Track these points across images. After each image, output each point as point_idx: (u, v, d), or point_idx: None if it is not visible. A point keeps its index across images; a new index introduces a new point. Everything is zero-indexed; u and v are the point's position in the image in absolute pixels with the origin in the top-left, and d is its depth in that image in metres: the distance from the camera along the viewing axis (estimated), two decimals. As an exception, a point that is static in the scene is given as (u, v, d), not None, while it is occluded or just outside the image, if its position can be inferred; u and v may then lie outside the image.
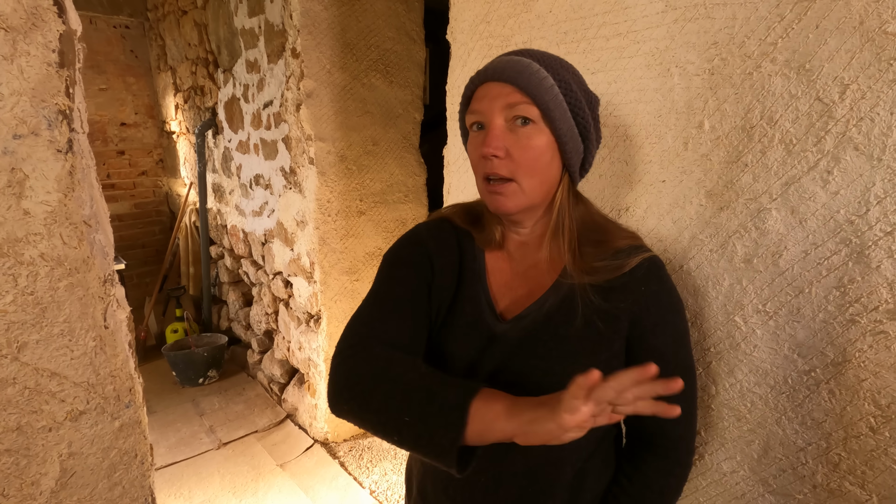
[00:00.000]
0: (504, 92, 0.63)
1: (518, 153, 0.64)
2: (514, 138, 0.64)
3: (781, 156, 0.73)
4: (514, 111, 0.63)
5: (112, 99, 3.80)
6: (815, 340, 0.73)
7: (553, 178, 0.68)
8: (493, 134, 0.64)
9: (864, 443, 0.71)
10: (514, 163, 0.64)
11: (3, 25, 0.46)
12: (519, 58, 0.65)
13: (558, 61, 0.67)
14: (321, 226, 2.22)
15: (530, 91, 0.62)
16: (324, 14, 2.02)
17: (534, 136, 0.64)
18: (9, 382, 0.52)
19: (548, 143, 0.65)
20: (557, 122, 0.64)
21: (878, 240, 0.66)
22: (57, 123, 0.51)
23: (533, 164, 0.64)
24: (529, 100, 0.63)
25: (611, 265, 0.68)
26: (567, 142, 0.65)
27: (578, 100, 0.65)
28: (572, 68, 0.69)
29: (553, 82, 0.64)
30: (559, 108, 0.64)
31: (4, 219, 0.49)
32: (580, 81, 0.68)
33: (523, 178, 0.65)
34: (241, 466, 2.29)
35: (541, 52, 0.68)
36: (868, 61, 0.64)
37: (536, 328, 0.69)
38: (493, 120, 0.64)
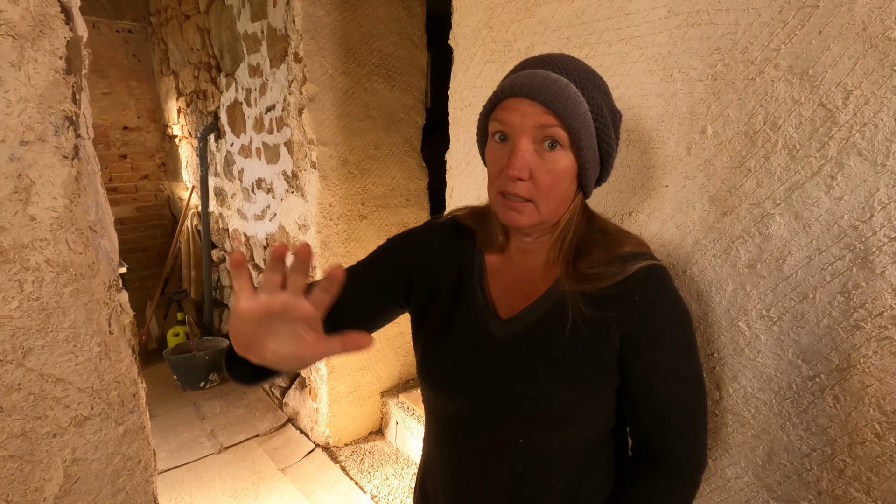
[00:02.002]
0: (536, 111, 0.61)
1: (541, 176, 0.63)
2: (540, 162, 0.63)
3: (785, 161, 0.73)
4: (544, 133, 0.62)
5: (114, 103, 3.81)
6: (819, 346, 0.73)
7: (569, 198, 0.68)
8: (519, 156, 0.62)
9: (870, 449, 0.70)
10: (536, 186, 0.64)
11: (11, 33, 0.46)
12: (556, 76, 0.62)
13: (591, 79, 0.65)
14: (323, 230, 2.22)
15: (565, 116, 0.60)
16: (326, 19, 2.02)
17: (560, 160, 0.63)
18: (14, 388, 0.52)
19: (570, 168, 0.64)
20: (584, 150, 0.63)
21: (882, 245, 0.66)
22: (63, 130, 0.51)
23: (554, 188, 0.64)
24: (561, 124, 0.61)
25: (604, 273, 0.66)
26: (589, 167, 0.65)
27: (606, 123, 0.65)
28: (603, 85, 0.66)
29: (587, 107, 0.62)
30: (588, 134, 0.62)
31: (11, 224, 0.49)
32: (609, 100, 0.66)
33: (542, 202, 0.64)
34: (242, 471, 2.29)
35: (575, 66, 0.65)
36: (871, 67, 0.64)
37: (527, 332, 0.69)
38: (520, 139, 0.63)
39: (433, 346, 0.76)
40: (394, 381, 2.63)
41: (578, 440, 0.69)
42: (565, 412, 0.66)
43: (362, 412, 2.54)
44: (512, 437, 0.68)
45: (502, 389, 0.69)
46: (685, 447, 0.69)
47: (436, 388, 0.75)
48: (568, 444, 0.68)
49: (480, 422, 0.71)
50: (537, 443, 0.68)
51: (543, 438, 0.67)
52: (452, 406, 0.74)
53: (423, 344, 0.78)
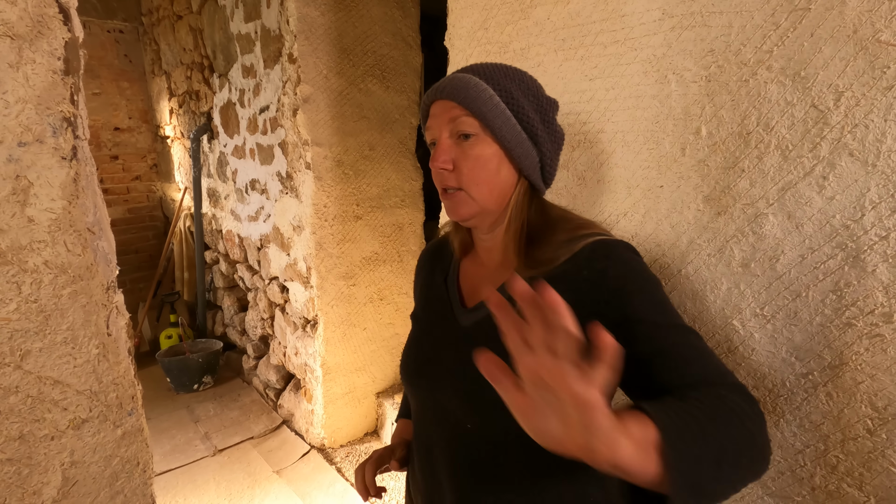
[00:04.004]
0: (447, 107, 0.68)
1: (462, 164, 0.68)
2: (459, 150, 0.68)
3: (778, 161, 0.74)
4: (455, 125, 0.67)
5: (106, 104, 3.78)
6: (812, 344, 0.74)
7: (504, 184, 0.69)
8: (440, 149, 0.68)
9: (862, 445, 0.72)
10: (461, 173, 0.68)
11: (10, 33, 0.46)
12: (462, 74, 0.69)
13: (502, 71, 0.69)
14: (318, 230, 2.22)
15: (468, 104, 0.66)
16: (320, 20, 2.02)
17: (476, 146, 0.67)
18: (11, 391, 0.52)
19: (493, 152, 0.67)
20: (500, 131, 0.66)
21: (873, 244, 0.67)
22: (62, 131, 0.51)
23: (478, 173, 0.68)
24: (468, 112, 0.66)
25: (553, 255, 0.66)
26: (514, 147, 0.67)
27: (521, 105, 0.67)
28: (519, 76, 0.69)
29: (493, 93, 0.66)
30: (500, 116, 0.66)
31: (9, 226, 0.49)
32: (527, 88, 0.69)
33: (470, 187, 0.68)
34: (236, 473, 2.27)
35: (486, 66, 0.70)
36: (862, 69, 0.65)
37: (484, 319, 0.72)
38: (440, 136, 0.69)
39: (411, 342, 0.83)
40: (389, 382, 2.63)
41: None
42: None
43: (358, 413, 2.53)
44: (463, 423, 0.70)
45: (458, 375, 0.71)
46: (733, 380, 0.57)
47: (408, 379, 0.80)
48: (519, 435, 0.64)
49: (440, 409, 0.74)
50: (487, 429, 0.68)
51: (491, 425, 0.66)
52: (421, 396, 0.78)
53: (406, 344, 0.85)
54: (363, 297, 2.41)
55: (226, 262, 3.25)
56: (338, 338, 2.37)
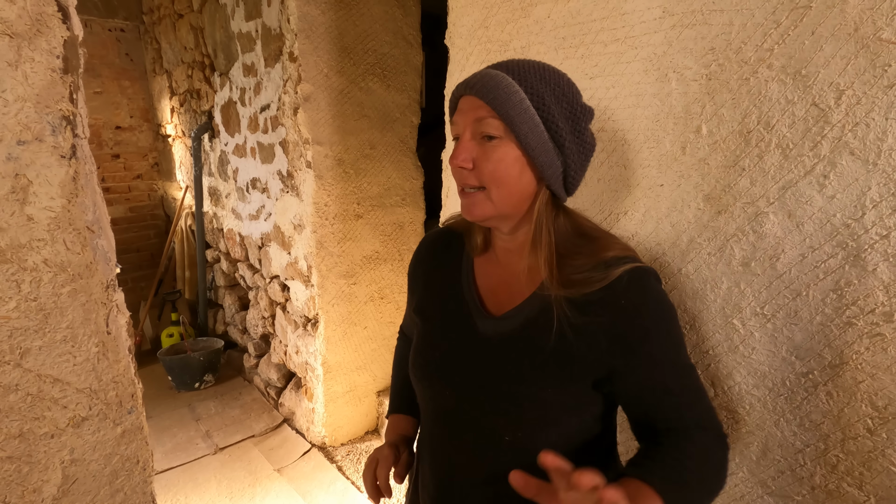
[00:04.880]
0: (475, 106, 0.65)
1: (483, 165, 0.66)
2: (481, 150, 0.66)
3: (778, 160, 0.74)
4: (480, 125, 0.65)
5: (107, 102, 3.79)
6: (812, 343, 0.74)
7: (526, 190, 0.67)
8: (462, 147, 0.67)
9: (862, 444, 0.71)
10: (481, 173, 0.66)
11: (8, 32, 0.46)
12: (495, 71, 0.66)
13: (538, 73, 0.66)
14: (318, 229, 2.22)
15: (496, 105, 0.63)
16: (321, 18, 2.02)
17: (499, 148, 0.65)
18: (11, 389, 0.52)
19: (515, 157, 0.65)
20: (525, 137, 0.63)
21: (874, 243, 0.67)
22: (61, 129, 0.51)
23: (498, 175, 0.65)
24: (495, 114, 0.63)
25: (589, 278, 0.66)
26: (538, 155, 0.65)
27: (551, 112, 0.64)
28: (555, 79, 0.66)
29: (524, 96, 0.63)
30: (528, 122, 0.63)
31: (8, 225, 0.49)
32: (562, 93, 0.66)
33: (491, 188, 0.66)
34: (237, 472, 2.28)
35: (522, 64, 0.67)
36: (863, 67, 0.65)
37: (513, 334, 0.70)
38: (464, 134, 0.67)
39: (425, 342, 0.80)
40: (390, 381, 2.63)
41: (564, 442, 0.69)
42: (550, 413, 0.67)
43: (358, 412, 2.53)
44: (497, 435, 0.69)
45: (486, 388, 0.70)
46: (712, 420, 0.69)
47: (425, 381, 0.78)
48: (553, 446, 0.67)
49: (466, 419, 0.72)
50: (522, 442, 0.68)
51: (528, 438, 0.68)
52: (440, 400, 0.76)
53: (416, 341, 0.82)
54: (364, 296, 2.41)
55: (227, 260, 3.26)
56: (338, 336, 2.37)
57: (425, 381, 0.78)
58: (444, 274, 0.82)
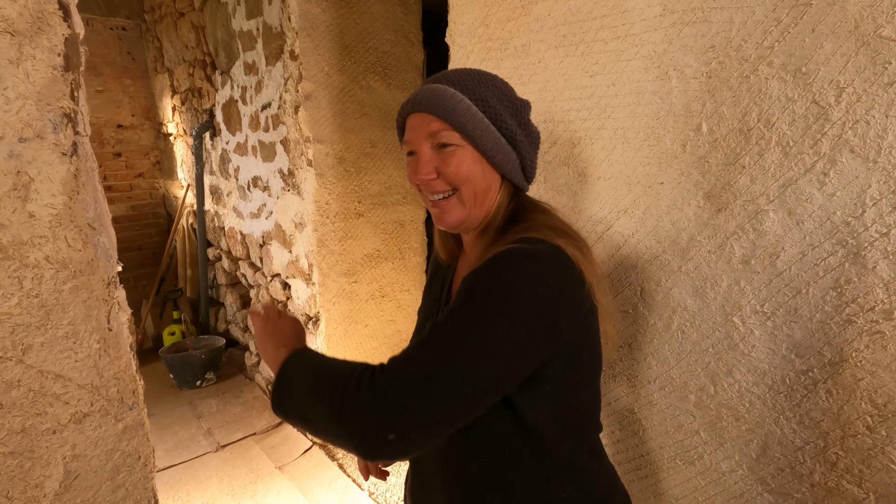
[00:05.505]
0: (426, 121, 0.68)
1: (445, 169, 0.68)
2: (440, 158, 0.68)
3: (778, 158, 0.74)
4: (436, 139, 0.67)
5: (108, 101, 3.79)
6: (812, 340, 0.74)
7: (489, 187, 0.70)
8: (422, 161, 0.69)
9: (862, 441, 0.71)
10: (447, 177, 0.69)
11: (10, 30, 0.46)
12: (436, 85, 0.68)
13: (476, 79, 0.69)
14: (319, 228, 2.22)
15: (447, 117, 0.66)
16: (322, 17, 2.02)
17: (457, 153, 0.67)
18: (13, 385, 0.52)
19: (474, 159, 0.68)
20: (480, 140, 0.67)
21: (874, 241, 0.67)
22: (62, 127, 0.51)
23: (463, 174, 0.68)
24: (448, 125, 0.66)
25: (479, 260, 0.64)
26: (495, 155, 0.68)
27: (499, 113, 0.68)
28: (492, 81, 0.70)
29: (470, 103, 0.67)
30: (479, 126, 0.67)
31: (10, 222, 0.49)
32: (501, 93, 0.69)
33: (461, 188, 0.68)
34: (239, 469, 2.29)
35: (460, 73, 0.70)
36: (863, 65, 0.65)
37: None
38: (420, 147, 0.69)
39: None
40: (391, 379, 2.63)
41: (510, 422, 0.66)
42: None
43: (359, 410, 2.54)
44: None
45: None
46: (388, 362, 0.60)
47: None
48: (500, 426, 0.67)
49: None
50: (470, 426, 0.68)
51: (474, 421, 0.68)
52: None
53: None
54: (365, 294, 2.42)
55: (228, 258, 3.26)
56: (339, 335, 2.37)
57: None
58: (431, 289, 0.87)
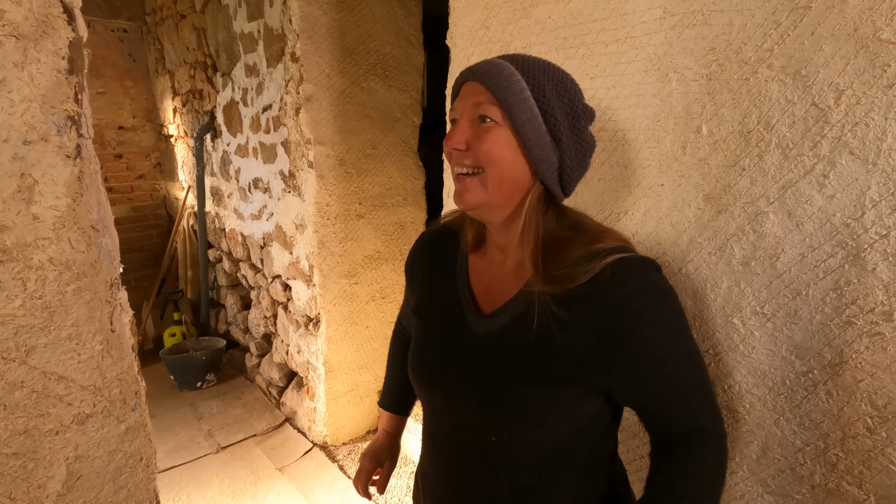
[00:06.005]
0: (475, 91, 0.66)
1: (477, 145, 0.65)
2: (475, 132, 0.66)
3: (778, 160, 0.74)
4: (478, 110, 0.65)
5: (110, 103, 3.80)
6: (812, 342, 0.74)
7: (518, 178, 0.66)
8: (458, 128, 0.67)
9: (862, 443, 0.72)
10: (475, 153, 0.65)
11: (15, 33, 0.47)
12: (498, 60, 0.66)
13: (542, 67, 0.66)
14: (320, 229, 2.22)
15: (496, 91, 0.63)
16: (323, 19, 2.03)
17: (493, 130, 0.64)
18: (17, 386, 0.52)
19: (509, 142, 0.64)
20: (521, 126, 0.63)
21: (873, 243, 0.67)
22: (66, 129, 0.52)
23: (493, 156, 0.64)
24: (494, 100, 0.64)
25: (572, 273, 0.64)
26: (533, 146, 0.64)
27: (551, 105, 0.64)
28: (559, 75, 0.66)
29: (525, 86, 0.64)
30: (526, 111, 0.63)
31: (14, 223, 0.50)
32: (564, 90, 0.66)
33: (486, 169, 0.65)
34: (239, 470, 2.29)
35: (527, 57, 0.67)
36: (862, 67, 0.65)
37: (500, 331, 0.70)
38: (461, 117, 0.67)
39: (420, 343, 0.80)
40: (391, 381, 2.64)
41: (552, 443, 0.68)
42: (535, 413, 0.66)
43: (360, 411, 2.54)
44: (485, 434, 0.69)
45: (475, 387, 0.70)
46: (711, 417, 0.69)
47: (419, 383, 0.78)
48: (540, 445, 0.68)
49: (458, 418, 0.73)
50: (509, 442, 0.68)
51: (514, 438, 0.68)
52: (433, 401, 0.77)
53: (413, 343, 0.82)
54: (365, 296, 2.42)
55: (229, 260, 3.27)
56: (340, 336, 2.38)
57: (421, 382, 0.78)
58: (440, 273, 0.81)
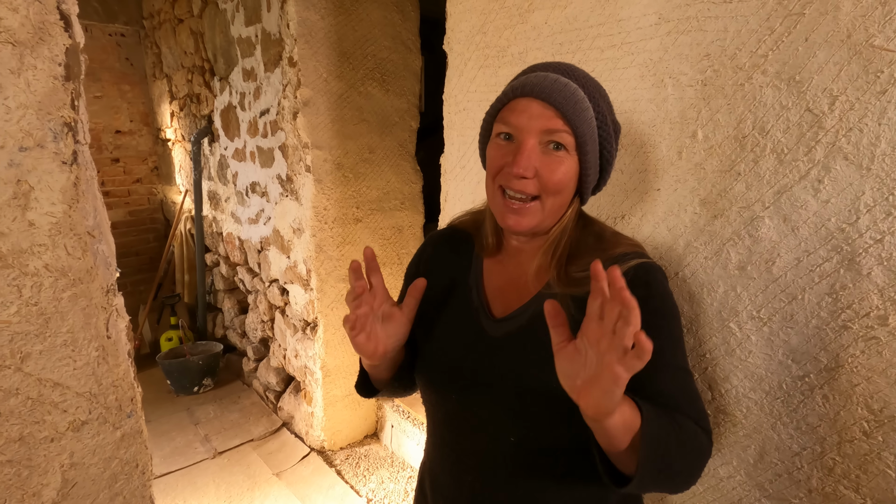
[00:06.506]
0: (546, 114, 0.63)
1: (546, 175, 0.65)
2: (546, 161, 0.65)
3: (773, 165, 0.74)
4: (552, 137, 0.64)
5: (107, 107, 3.79)
6: (808, 346, 0.74)
7: (567, 202, 0.70)
8: (525, 154, 0.64)
9: (858, 447, 0.72)
10: (542, 184, 0.65)
11: (11, 40, 0.47)
12: (567, 80, 0.64)
13: (597, 88, 0.68)
14: (318, 233, 2.22)
15: (573, 120, 0.63)
16: (320, 23, 2.03)
17: (566, 162, 0.65)
18: (12, 393, 0.52)
19: (574, 171, 0.66)
20: (587, 155, 0.65)
21: (868, 247, 0.67)
22: (62, 136, 0.52)
23: (558, 186, 0.66)
24: (570, 129, 0.63)
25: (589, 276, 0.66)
26: (590, 173, 0.67)
27: (609, 132, 0.67)
28: (607, 96, 0.69)
29: (593, 113, 0.65)
30: (592, 141, 0.65)
31: (10, 230, 0.50)
32: (611, 110, 0.69)
33: (548, 198, 0.66)
34: (236, 476, 2.28)
35: (583, 74, 0.68)
36: (856, 73, 0.66)
37: (519, 332, 0.70)
38: (527, 139, 0.64)
39: (430, 345, 0.78)
40: (389, 385, 2.63)
41: (571, 439, 0.69)
42: (555, 411, 0.67)
43: (357, 416, 2.53)
44: (504, 435, 0.69)
45: (493, 388, 0.70)
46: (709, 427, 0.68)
47: (431, 386, 0.77)
48: (561, 443, 0.69)
49: (475, 420, 0.72)
50: (529, 441, 0.68)
51: (535, 437, 0.68)
52: (447, 405, 0.76)
53: (421, 345, 0.80)
54: (363, 300, 2.41)
55: (226, 264, 3.26)
56: (337, 340, 2.37)
57: (434, 384, 0.77)
58: (451, 276, 0.80)
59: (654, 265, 0.69)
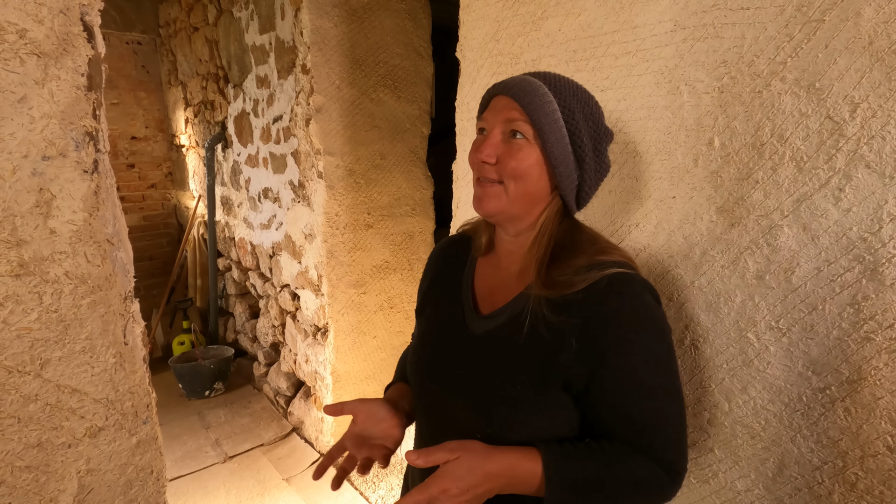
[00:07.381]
0: (508, 106, 0.68)
1: (507, 160, 0.68)
2: (506, 148, 0.69)
3: (792, 173, 0.73)
4: (511, 125, 0.68)
5: (123, 113, 3.86)
6: (829, 358, 0.73)
7: (540, 194, 0.70)
8: (488, 142, 0.69)
9: (882, 462, 0.70)
10: (503, 167, 0.68)
11: (36, 51, 0.48)
12: (531, 78, 0.69)
13: (571, 89, 0.69)
14: (329, 239, 2.23)
15: (530, 111, 0.66)
16: (333, 31, 2.05)
17: (524, 148, 0.68)
18: (31, 399, 0.53)
19: (537, 161, 0.68)
20: (552, 146, 0.67)
21: (891, 257, 0.66)
22: (84, 145, 0.52)
23: (520, 172, 0.68)
24: (527, 118, 0.67)
25: (571, 280, 0.67)
26: (559, 165, 0.68)
27: (578, 128, 0.68)
28: (586, 98, 0.70)
29: (556, 107, 0.67)
30: (555, 132, 0.67)
31: (31, 238, 0.50)
32: (590, 112, 0.70)
33: (510, 183, 0.68)
34: (246, 480, 2.28)
35: (558, 78, 0.70)
36: (878, 80, 0.65)
37: (495, 331, 0.73)
38: (492, 130, 0.70)
39: (420, 342, 0.83)
40: (399, 391, 2.62)
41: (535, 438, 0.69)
42: (519, 412, 0.68)
43: (367, 421, 2.52)
44: (471, 431, 0.70)
45: (465, 384, 0.72)
46: (671, 457, 0.68)
47: (416, 379, 0.81)
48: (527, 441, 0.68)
49: (448, 414, 0.75)
50: (494, 440, 0.68)
51: (500, 435, 0.69)
52: (426, 398, 0.79)
53: (412, 342, 0.85)
54: (373, 306, 2.42)
55: (238, 269, 3.29)
56: (348, 346, 2.38)
57: (416, 378, 0.81)
58: (448, 276, 0.84)
59: (635, 277, 0.68)
